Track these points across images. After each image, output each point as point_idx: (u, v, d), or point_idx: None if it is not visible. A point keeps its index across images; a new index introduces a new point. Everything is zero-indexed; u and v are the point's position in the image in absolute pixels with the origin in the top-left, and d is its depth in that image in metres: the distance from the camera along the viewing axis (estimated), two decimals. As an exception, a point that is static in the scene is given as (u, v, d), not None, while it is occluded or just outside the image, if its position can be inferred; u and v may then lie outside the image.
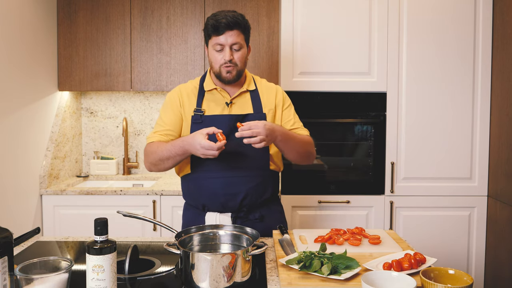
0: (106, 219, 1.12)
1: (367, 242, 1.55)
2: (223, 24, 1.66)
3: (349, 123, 2.73)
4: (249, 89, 1.80)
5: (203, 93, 1.78)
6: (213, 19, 1.68)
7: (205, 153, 1.56)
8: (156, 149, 1.70)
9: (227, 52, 1.69)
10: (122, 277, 1.31)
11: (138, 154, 3.28)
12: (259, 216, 1.76)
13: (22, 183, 2.54)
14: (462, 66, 2.68)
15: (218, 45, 1.69)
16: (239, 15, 1.71)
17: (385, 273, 1.15)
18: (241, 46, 1.71)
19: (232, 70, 1.71)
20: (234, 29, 1.68)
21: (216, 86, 1.78)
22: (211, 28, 1.69)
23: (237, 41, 1.69)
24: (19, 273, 1.07)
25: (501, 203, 2.59)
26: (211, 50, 1.73)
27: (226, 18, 1.66)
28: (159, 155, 1.69)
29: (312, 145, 1.81)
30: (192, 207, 1.83)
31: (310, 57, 2.68)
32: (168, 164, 1.70)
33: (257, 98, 1.80)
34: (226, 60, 1.69)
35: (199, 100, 1.77)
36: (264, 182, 1.77)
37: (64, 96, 3.03)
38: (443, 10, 2.66)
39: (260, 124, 1.56)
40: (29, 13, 2.62)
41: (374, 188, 2.73)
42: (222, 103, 1.77)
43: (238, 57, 1.72)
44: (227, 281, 1.20)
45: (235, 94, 1.77)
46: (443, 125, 2.70)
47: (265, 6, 2.89)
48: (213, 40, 1.70)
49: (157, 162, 1.71)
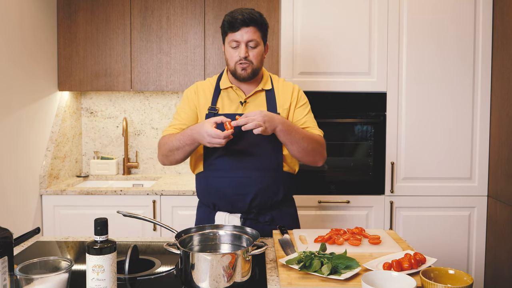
0: (106, 219, 1.12)
1: (367, 242, 1.54)
2: (239, 20, 1.64)
3: (349, 123, 2.73)
4: (264, 88, 1.77)
5: (219, 91, 1.77)
6: (229, 16, 1.67)
7: (211, 142, 1.54)
8: (167, 140, 1.70)
9: (242, 49, 1.67)
10: (122, 277, 1.31)
11: (138, 154, 3.28)
12: (269, 219, 1.73)
13: (22, 183, 2.54)
14: (462, 66, 2.68)
15: (234, 42, 1.68)
16: (256, 12, 1.69)
17: (385, 273, 1.15)
18: (257, 44, 1.69)
19: (247, 68, 1.69)
20: (250, 26, 1.66)
21: (231, 84, 1.76)
22: (227, 25, 1.68)
23: (253, 38, 1.67)
24: (19, 273, 1.07)
25: (501, 203, 2.59)
26: (227, 47, 1.72)
27: (242, 14, 1.65)
28: (169, 145, 1.68)
29: (321, 145, 1.74)
30: (204, 206, 1.83)
31: (310, 57, 2.68)
32: (179, 155, 1.68)
33: (272, 97, 1.77)
34: (241, 57, 1.67)
35: (215, 98, 1.76)
36: (275, 184, 1.73)
37: (64, 96, 3.03)
38: (443, 10, 2.66)
39: (257, 112, 1.56)
40: (29, 13, 2.62)
41: (374, 188, 2.73)
42: (236, 102, 1.75)
43: (254, 55, 1.69)
44: (227, 281, 1.20)
45: (250, 93, 1.76)
46: (443, 125, 2.70)
47: (265, 6, 2.89)
48: (229, 36, 1.69)
49: (168, 153, 1.70)
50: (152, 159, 3.29)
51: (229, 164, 1.70)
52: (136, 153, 3.27)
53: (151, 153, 3.29)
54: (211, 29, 2.92)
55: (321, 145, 1.75)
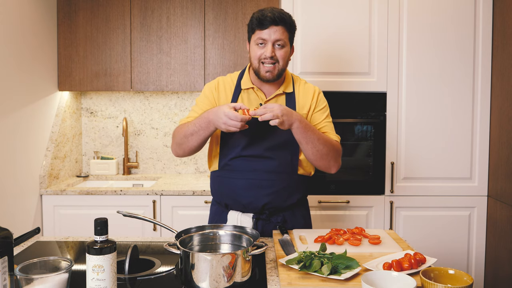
0: (106, 219, 1.12)
1: (367, 242, 1.54)
2: (268, 18, 1.61)
3: (349, 123, 2.73)
4: (285, 91, 1.75)
5: (239, 90, 1.75)
6: (259, 13, 1.64)
7: (227, 123, 1.50)
8: (182, 127, 1.68)
9: (269, 48, 1.63)
10: (122, 277, 1.31)
11: (138, 154, 3.28)
12: (281, 219, 1.73)
13: (22, 183, 2.54)
14: (462, 66, 2.68)
15: (261, 39, 1.64)
16: (286, 13, 1.66)
17: (385, 273, 1.15)
18: (284, 44, 1.65)
19: (273, 70, 1.66)
20: (279, 25, 1.62)
21: (253, 85, 1.74)
22: (256, 22, 1.64)
23: (281, 37, 1.64)
24: (19, 273, 1.07)
25: (501, 203, 2.59)
26: (252, 45, 1.68)
27: (272, 13, 1.62)
28: (184, 131, 1.65)
29: (337, 151, 1.70)
30: (217, 204, 1.83)
31: (310, 57, 2.68)
32: (192, 141, 1.64)
33: (292, 101, 1.75)
34: (267, 56, 1.63)
35: (235, 97, 1.74)
36: (290, 187, 1.72)
37: (64, 96, 3.03)
38: (443, 10, 2.66)
39: (276, 104, 1.54)
40: (29, 13, 2.62)
41: (374, 188, 2.73)
42: (256, 103, 1.73)
43: (281, 55, 1.66)
44: (227, 281, 1.20)
45: (270, 96, 1.73)
46: (443, 125, 2.70)
47: (265, 6, 2.88)
48: (257, 34, 1.65)
49: (182, 139, 1.67)
50: (152, 159, 3.29)
51: (245, 166, 1.69)
52: (136, 153, 3.27)
53: (151, 153, 3.29)
54: (211, 29, 2.92)
55: (337, 150, 1.71)
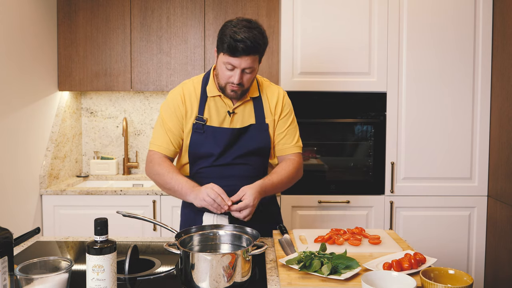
0: (106, 219, 1.12)
1: (367, 242, 1.54)
2: (240, 48, 1.53)
3: (349, 123, 2.73)
4: (252, 97, 1.74)
5: (205, 98, 1.72)
6: (232, 38, 1.53)
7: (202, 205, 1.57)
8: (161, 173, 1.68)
9: (237, 75, 1.59)
10: (122, 277, 1.31)
11: (138, 154, 3.28)
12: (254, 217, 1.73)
13: (22, 183, 2.54)
14: (462, 66, 2.68)
15: (230, 65, 1.59)
16: (260, 36, 1.57)
17: (385, 273, 1.15)
18: (253, 70, 1.61)
19: (238, 91, 1.65)
20: (250, 55, 1.56)
21: (219, 93, 1.71)
22: (226, 48, 1.55)
23: (251, 65, 1.59)
24: (19, 273, 1.07)
25: (501, 203, 2.59)
26: (220, 64, 1.62)
27: (245, 42, 1.52)
28: (163, 180, 1.67)
29: (299, 170, 1.78)
30: (190, 205, 1.82)
31: (310, 57, 2.68)
32: (168, 192, 1.71)
33: (260, 106, 1.75)
34: (235, 83, 1.61)
35: (201, 106, 1.71)
36: None
37: (64, 96, 3.03)
38: (443, 10, 2.66)
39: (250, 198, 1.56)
40: (29, 13, 2.62)
41: (374, 188, 2.73)
42: (224, 112, 1.72)
43: (247, 79, 1.63)
44: (227, 281, 1.20)
45: (237, 104, 1.72)
46: (443, 125, 2.70)
47: (265, 6, 2.89)
48: (226, 58, 1.58)
49: (158, 183, 1.72)
50: (152, 159, 3.28)
51: (217, 173, 1.71)
52: (136, 153, 3.27)
53: (151, 153, 3.28)
54: (211, 29, 2.92)
55: (299, 170, 1.78)
